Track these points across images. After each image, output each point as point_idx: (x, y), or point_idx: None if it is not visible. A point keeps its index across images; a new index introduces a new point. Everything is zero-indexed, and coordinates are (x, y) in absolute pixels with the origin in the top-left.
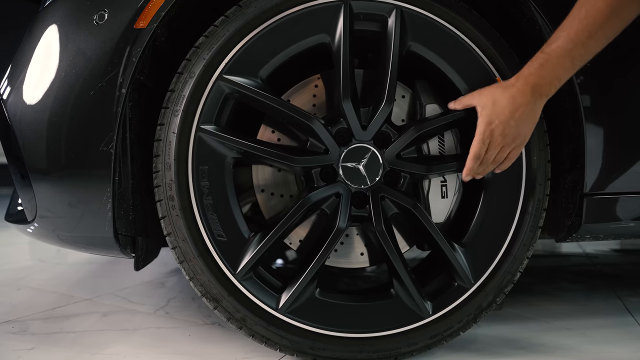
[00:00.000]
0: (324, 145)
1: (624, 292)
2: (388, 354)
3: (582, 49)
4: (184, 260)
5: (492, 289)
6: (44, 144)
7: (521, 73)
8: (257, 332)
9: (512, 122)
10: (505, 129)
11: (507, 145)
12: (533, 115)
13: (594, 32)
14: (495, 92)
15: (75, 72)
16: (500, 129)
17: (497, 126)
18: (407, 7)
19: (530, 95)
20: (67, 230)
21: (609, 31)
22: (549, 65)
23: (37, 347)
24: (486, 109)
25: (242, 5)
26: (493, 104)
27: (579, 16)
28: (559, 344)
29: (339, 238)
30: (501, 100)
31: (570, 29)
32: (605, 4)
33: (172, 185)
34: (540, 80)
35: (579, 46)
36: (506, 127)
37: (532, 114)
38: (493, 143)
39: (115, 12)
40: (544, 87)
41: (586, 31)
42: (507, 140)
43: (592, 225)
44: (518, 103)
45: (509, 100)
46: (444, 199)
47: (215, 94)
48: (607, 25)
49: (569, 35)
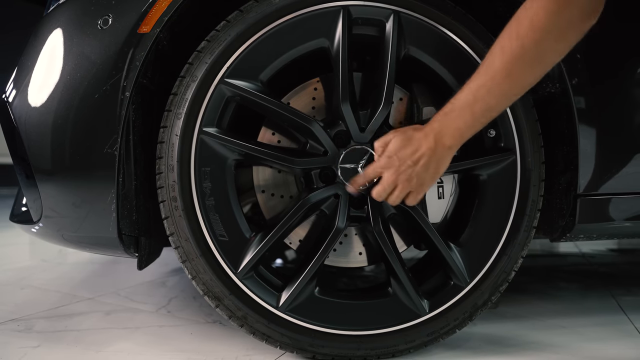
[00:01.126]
0: (323, 147)
1: (619, 292)
2: (386, 351)
3: (482, 104)
4: (186, 260)
5: (487, 287)
6: (49, 146)
7: (433, 118)
8: (258, 329)
9: (409, 161)
10: (402, 166)
11: (401, 185)
12: (435, 166)
13: (492, 89)
14: (408, 130)
15: (80, 76)
16: (396, 164)
17: (394, 161)
18: (404, 11)
19: (432, 141)
20: (71, 230)
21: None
22: (451, 115)
23: (42, 344)
24: (393, 142)
25: (243, 10)
26: (401, 139)
27: (480, 70)
28: (553, 342)
29: (338, 238)
30: (410, 138)
31: (473, 82)
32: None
33: (175, 187)
34: (443, 129)
35: (479, 101)
36: (402, 164)
37: (434, 163)
38: (387, 178)
39: (119, 17)
40: (446, 138)
41: (485, 87)
42: (401, 179)
43: (585, 226)
44: (420, 145)
45: (415, 141)
46: (441, 200)
47: (217, 97)
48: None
49: (471, 89)
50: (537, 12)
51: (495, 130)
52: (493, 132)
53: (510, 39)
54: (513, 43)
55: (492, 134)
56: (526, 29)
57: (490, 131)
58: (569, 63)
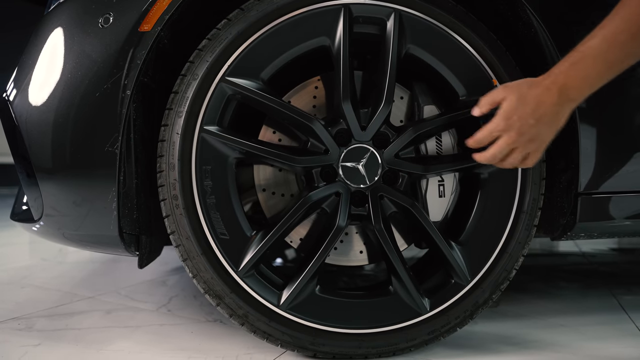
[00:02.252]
0: (324, 145)
1: (619, 291)
2: (387, 350)
3: (620, 51)
4: (187, 258)
5: (488, 285)
6: (50, 144)
7: (551, 70)
8: (258, 328)
9: (531, 120)
10: (523, 126)
11: (522, 146)
12: (556, 120)
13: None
14: (521, 87)
15: (81, 74)
16: (517, 125)
17: (514, 122)
18: (405, 10)
19: (556, 95)
20: (72, 229)
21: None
22: (580, 65)
23: (43, 343)
24: (507, 101)
25: (244, 9)
26: (517, 98)
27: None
28: (554, 341)
29: (338, 236)
30: (525, 96)
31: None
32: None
33: (175, 185)
34: (569, 82)
35: (617, 48)
36: (524, 124)
37: (556, 117)
38: (505, 140)
39: (120, 16)
40: (572, 91)
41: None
42: (522, 140)
43: (586, 224)
44: (542, 102)
45: (533, 98)
46: (442, 198)
47: (218, 96)
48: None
49: (606, 35)
50: None
51: None
52: None
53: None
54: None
55: None
56: None
57: None
58: None
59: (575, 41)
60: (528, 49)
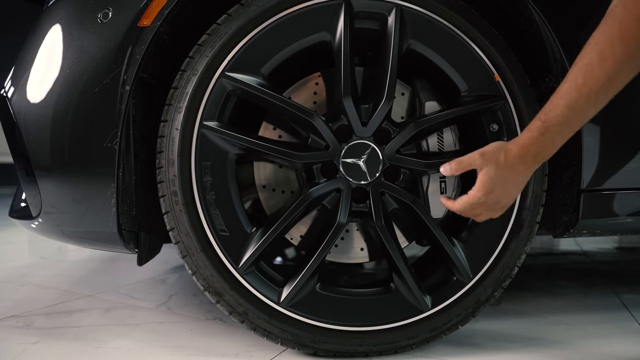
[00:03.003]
0: (325, 141)
1: (621, 289)
2: (388, 347)
3: (580, 115)
4: (187, 255)
5: (490, 283)
6: (49, 141)
7: (522, 142)
8: (259, 325)
9: (505, 200)
10: (498, 203)
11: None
12: (526, 181)
13: (592, 100)
14: (498, 158)
15: (80, 70)
16: (493, 200)
17: (492, 198)
18: (406, 5)
19: (531, 164)
20: (71, 226)
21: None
22: (548, 134)
23: (41, 340)
24: (486, 175)
25: (244, 4)
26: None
27: (576, 84)
28: (556, 339)
29: (339, 233)
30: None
31: (569, 97)
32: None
33: (175, 181)
34: (540, 150)
35: (578, 113)
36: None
37: (524, 182)
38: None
39: (120, 11)
40: (541, 156)
41: (584, 99)
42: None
43: (589, 221)
44: (518, 178)
45: (512, 171)
46: (443, 195)
47: (218, 91)
48: (603, 92)
49: (568, 103)
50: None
51: (498, 125)
52: (496, 126)
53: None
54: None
55: (495, 129)
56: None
57: (493, 126)
58: (572, 57)
59: (577, 37)
60: (530, 45)
